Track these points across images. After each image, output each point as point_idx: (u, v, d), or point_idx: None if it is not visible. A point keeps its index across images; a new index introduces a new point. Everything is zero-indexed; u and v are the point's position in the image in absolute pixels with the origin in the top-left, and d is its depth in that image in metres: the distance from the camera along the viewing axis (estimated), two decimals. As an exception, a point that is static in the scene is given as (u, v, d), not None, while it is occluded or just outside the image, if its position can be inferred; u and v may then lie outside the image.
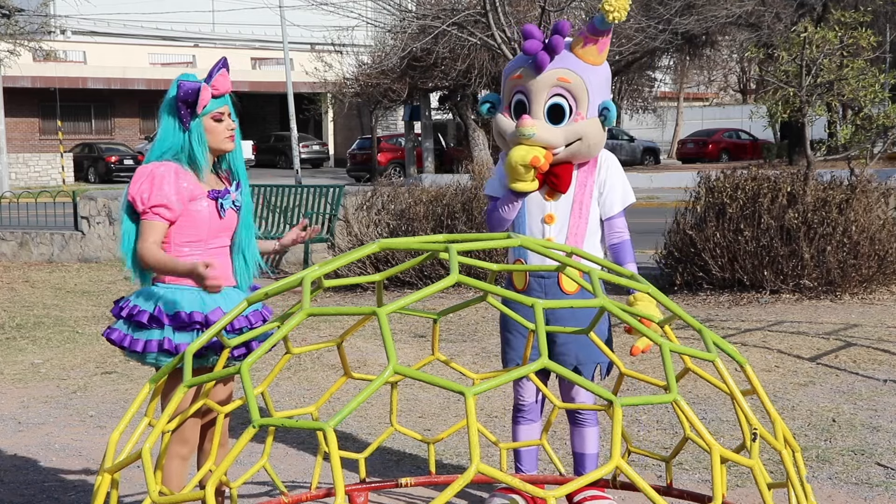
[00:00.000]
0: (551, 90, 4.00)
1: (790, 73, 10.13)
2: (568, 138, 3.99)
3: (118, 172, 36.98)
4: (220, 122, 3.70)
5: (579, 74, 3.99)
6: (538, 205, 4.10)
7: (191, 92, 3.63)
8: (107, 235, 14.14)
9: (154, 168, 3.63)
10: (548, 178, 4.04)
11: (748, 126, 37.90)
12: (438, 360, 4.07)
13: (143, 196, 3.59)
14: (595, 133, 4.02)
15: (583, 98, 3.99)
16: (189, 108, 3.64)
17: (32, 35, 30.82)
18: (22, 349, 8.01)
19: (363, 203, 11.35)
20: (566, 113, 4.00)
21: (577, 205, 4.06)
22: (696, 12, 19.93)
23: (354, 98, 30.36)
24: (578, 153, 4.03)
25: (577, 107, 4.00)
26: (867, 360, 6.77)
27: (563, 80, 3.98)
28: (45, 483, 4.87)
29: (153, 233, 3.59)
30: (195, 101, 3.63)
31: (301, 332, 7.92)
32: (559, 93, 4.00)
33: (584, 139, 4.00)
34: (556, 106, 4.01)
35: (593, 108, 4.01)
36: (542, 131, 3.97)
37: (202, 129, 3.67)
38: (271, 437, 3.86)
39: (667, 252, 9.73)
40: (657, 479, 4.63)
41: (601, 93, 4.04)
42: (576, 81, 3.98)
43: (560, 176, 4.03)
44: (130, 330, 3.66)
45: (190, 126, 3.66)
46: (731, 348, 3.11)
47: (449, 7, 19.05)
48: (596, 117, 4.02)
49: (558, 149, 3.99)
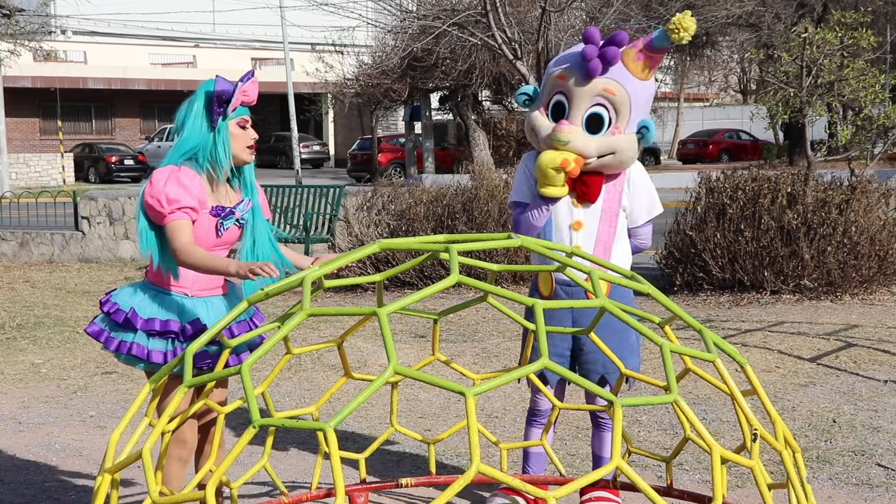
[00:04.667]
0: (594, 99, 3.95)
1: (790, 74, 10.12)
2: (601, 150, 3.95)
3: (119, 172, 36.98)
4: (245, 129, 3.69)
5: (625, 88, 3.94)
6: (566, 211, 4.05)
7: (228, 89, 3.60)
8: (107, 236, 14.14)
9: (173, 170, 3.59)
10: (577, 187, 4.01)
11: (748, 127, 37.90)
12: (439, 360, 4.07)
13: (168, 196, 3.53)
14: (629, 148, 3.98)
15: (624, 112, 3.95)
16: (222, 106, 3.61)
17: (33, 35, 30.82)
18: (22, 349, 8.01)
19: (363, 203, 11.35)
20: (605, 124, 3.96)
21: (605, 214, 4.03)
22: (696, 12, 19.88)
23: (355, 98, 30.34)
24: (610, 165, 4.00)
25: (616, 119, 3.96)
26: (867, 361, 6.77)
27: (608, 90, 3.93)
28: (45, 483, 4.87)
29: (184, 232, 3.53)
30: (230, 100, 3.60)
31: (301, 332, 7.92)
32: (601, 103, 3.96)
33: (618, 154, 3.97)
34: (597, 116, 3.96)
35: (633, 124, 3.98)
36: (578, 139, 3.93)
37: (227, 133, 3.64)
38: (271, 438, 3.86)
39: (667, 252, 9.73)
40: (657, 479, 4.63)
41: (643, 109, 4.01)
42: (621, 94, 3.93)
43: (590, 185, 4.00)
44: (108, 326, 3.64)
45: (218, 126, 3.62)
46: (731, 349, 3.11)
47: (449, 7, 19.06)
48: (633, 133, 3.98)
49: (591, 160, 3.96)
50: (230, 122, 3.64)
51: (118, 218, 14.11)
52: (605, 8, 15.46)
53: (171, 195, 3.54)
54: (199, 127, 3.63)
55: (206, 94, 3.63)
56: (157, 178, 3.58)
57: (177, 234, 3.52)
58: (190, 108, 3.66)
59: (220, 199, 3.70)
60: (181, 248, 3.50)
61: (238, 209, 3.71)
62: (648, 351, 7.13)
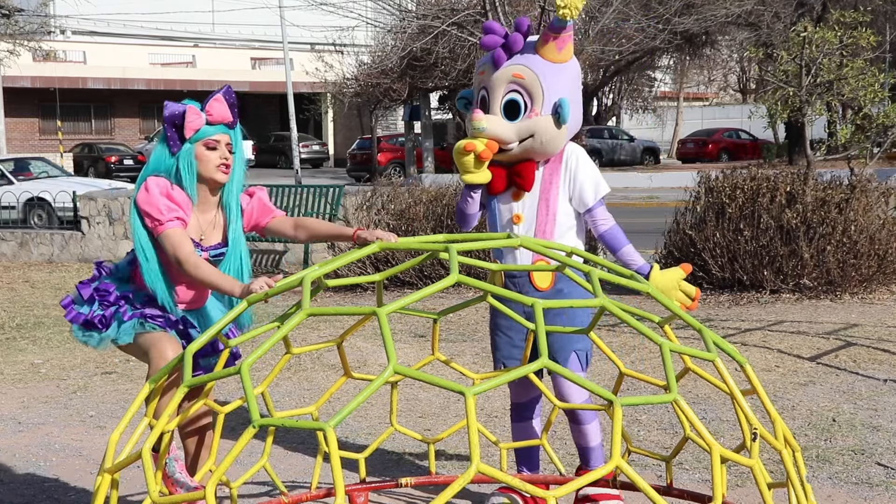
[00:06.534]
0: (507, 86, 4.02)
1: (790, 73, 10.12)
2: (520, 134, 4.01)
3: (118, 172, 36.92)
4: (214, 150, 3.59)
5: (534, 71, 3.99)
6: (506, 206, 4.12)
7: (176, 114, 3.54)
8: (107, 235, 14.14)
9: (153, 181, 3.56)
10: (512, 178, 4.07)
11: (748, 126, 37.90)
12: (438, 360, 4.07)
13: (159, 207, 3.50)
14: (547, 129, 4.00)
15: (537, 95, 3.99)
16: (176, 130, 3.56)
17: (32, 35, 30.79)
18: (22, 349, 8.01)
19: (363, 203, 11.35)
20: (521, 109, 4.01)
21: (543, 202, 4.07)
22: (696, 12, 19.90)
23: (354, 98, 30.34)
24: (532, 149, 4.03)
25: (532, 104, 4.01)
26: (867, 360, 6.77)
27: (517, 76, 4.00)
28: (45, 483, 4.87)
29: (186, 241, 3.50)
30: (181, 123, 3.54)
31: (301, 332, 7.92)
32: (515, 89, 4.02)
33: (537, 135, 4.00)
34: (512, 102, 4.02)
35: (548, 106, 4.01)
36: (493, 125, 3.99)
37: (192, 156, 3.56)
38: (271, 438, 3.86)
39: (667, 252, 9.73)
40: (657, 478, 4.63)
41: (559, 90, 4.02)
42: (530, 78, 3.99)
43: (522, 174, 4.05)
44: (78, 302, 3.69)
45: (180, 150, 3.56)
46: (730, 348, 3.12)
47: (449, 7, 19.04)
48: (550, 114, 4.01)
49: (511, 144, 4.01)
50: (196, 144, 3.56)
51: (118, 218, 14.11)
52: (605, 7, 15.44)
53: (169, 204, 3.51)
54: (161, 149, 3.59)
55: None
56: (150, 189, 3.53)
57: (180, 244, 3.48)
58: (162, 131, 3.63)
59: (203, 231, 3.65)
60: (187, 259, 3.46)
61: (209, 252, 3.65)
62: (648, 350, 7.14)
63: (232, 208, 3.69)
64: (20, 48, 29.89)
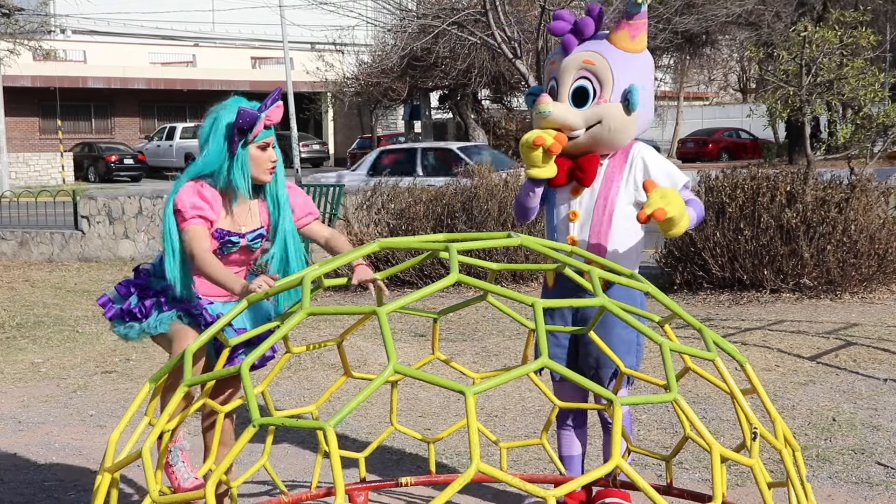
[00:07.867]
0: (577, 73, 3.92)
1: (790, 73, 10.12)
2: (588, 120, 3.88)
3: (118, 172, 36.96)
4: (265, 151, 3.70)
5: (605, 57, 3.89)
6: (565, 202, 4.00)
7: (250, 120, 3.61)
8: (107, 235, 14.13)
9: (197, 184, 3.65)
10: (573, 172, 3.95)
11: (748, 125, 37.90)
12: (438, 359, 4.07)
13: (194, 203, 3.60)
14: (615, 116, 3.88)
15: (607, 81, 3.89)
16: (242, 135, 3.63)
17: (32, 34, 30.81)
18: (22, 348, 8.01)
19: (363, 202, 11.35)
20: (590, 96, 3.91)
21: (601, 200, 3.93)
22: (696, 11, 19.89)
23: (354, 97, 30.35)
24: (600, 138, 3.90)
25: (601, 90, 3.89)
26: (867, 360, 6.77)
27: (587, 62, 3.90)
28: (45, 483, 4.87)
29: (204, 238, 3.58)
30: (251, 129, 3.62)
31: (301, 331, 7.92)
32: (584, 76, 3.91)
33: (605, 122, 3.88)
34: (581, 89, 3.92)
35: (618, 93, 3.90)
36: (559, 110, 3.88)
37: (247, 158, 3.66)
38: (271, 437, 3.86)
39: (667, 251, 9.73)
40: (657, 478, 4.63)
41: (630, 78, 3.90)
42: (601, 64, 3.89)
43: (584, 167, 3.92)
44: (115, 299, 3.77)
45: (238, 153, 3.63)
46: (731, 347, 3.12)
47: (449, 6, 19.04)
48: (619, 101, 3.90)
49: (578, 131, 3.89)
50: (251, 146, 3.66)
51: (118, 217, 14.11)
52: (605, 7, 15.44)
53: (197, 203, 3.60)
54: (220, 151, 3.64)
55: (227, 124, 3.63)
56: (184, 189, 3.63)
57: (197, 240, 3.57)
58: (214, 129, 3.66)
59: (237, 220, 3.72)
60: (199, 255, 3.54)
61: (247, 237, 3.73)
62: (648, 350, 7.13)
63: (281, 203, 3.78)
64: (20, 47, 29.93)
